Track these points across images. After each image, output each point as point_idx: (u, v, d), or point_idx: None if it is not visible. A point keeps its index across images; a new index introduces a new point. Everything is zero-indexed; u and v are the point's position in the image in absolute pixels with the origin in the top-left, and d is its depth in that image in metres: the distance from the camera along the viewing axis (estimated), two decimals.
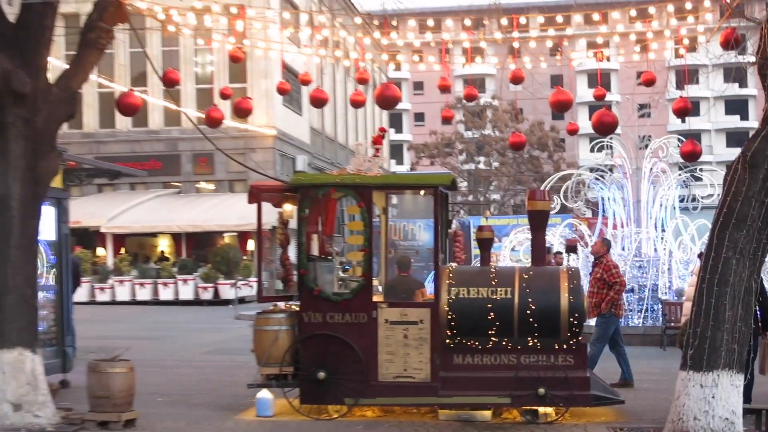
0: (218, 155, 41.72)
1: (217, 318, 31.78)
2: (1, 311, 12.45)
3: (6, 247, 12.51)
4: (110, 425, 12.41)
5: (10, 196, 12.51)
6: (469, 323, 13.01)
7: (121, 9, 13.41)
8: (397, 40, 17.29)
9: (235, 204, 40.38)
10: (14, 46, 12.66)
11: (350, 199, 13.80)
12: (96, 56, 13.71)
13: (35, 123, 12.72)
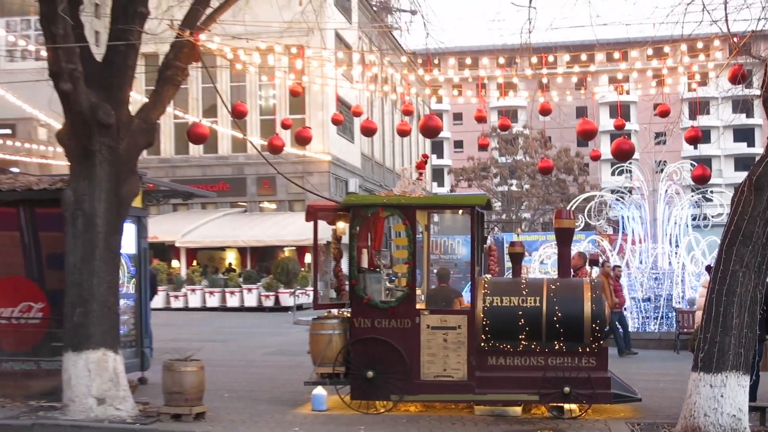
0: (279, 178, 41.85)
1: (277, 323, 31.84)
2: (87, 316, 12.60)
3: (91, 260, 12.66)
4: (182, 418, 12.49)
5: (96, 214, 12.67)
6: (501, 328, 13.07)
7: (195, 49, 13.56)
8: (439, 76, 17.40)
9: (294, 222, 40.52)
10: (101, 82, 12.83)
11: (396, 217, 13.86)
12: (172, 91, 13.88)
13: (118, 150, 12.88)
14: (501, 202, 73.05)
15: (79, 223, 12.67)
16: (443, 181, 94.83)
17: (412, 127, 21.31)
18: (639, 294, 24.73)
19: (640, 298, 24.67)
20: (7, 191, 14.86)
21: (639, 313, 24.72)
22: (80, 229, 12.67)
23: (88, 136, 12.63)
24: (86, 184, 12.67)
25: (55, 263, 13.96)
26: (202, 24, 13.65)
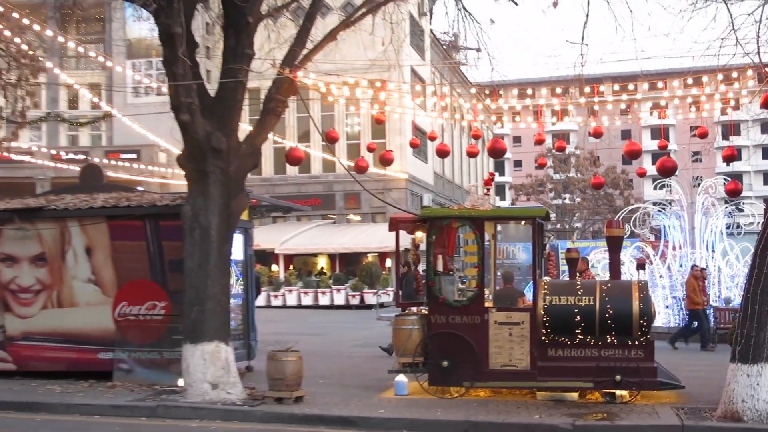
0: (363, 194, 42.16)
1: (362, 319, 31.93)
2: (203, 314, 12.80)
3: (206, 265, 12.86)
4: (284, 401, 12.60)
5: (210, 226, 12.87)
6: (560, 324, 12.95)
7: (293, 84, 13.72)
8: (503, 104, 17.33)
9: (376, 231, 40.72)
10: (214, 114, 13.05)
11: (467, 227, 13.85)
12: (274, 121, 14.06)
13: (229, 172, 13.07)
14: (556, 213, 72.60)
15: (196, 233, 12.88)
16: (505, 196, 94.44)
17: (479, 150, 21.28)
18: (680, 293, 24.34)
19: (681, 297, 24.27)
20: (136, 207, 15.23)
21: (680, 311, 24.34)
22: (197, 239, 12.88)
23: (204, 160, 12.85)
24: (202, 201, 12.89)
25: (176, 268, 14.18)
26: (299, 63, 13.81)
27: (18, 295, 15.50)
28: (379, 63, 17.65)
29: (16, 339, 15.40)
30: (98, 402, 12.98)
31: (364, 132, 43.87)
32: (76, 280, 15.28)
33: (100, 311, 15.04)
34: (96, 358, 14.95)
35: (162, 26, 12.50)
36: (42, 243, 15.46)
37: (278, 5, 14.80)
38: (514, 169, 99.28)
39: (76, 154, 40.02)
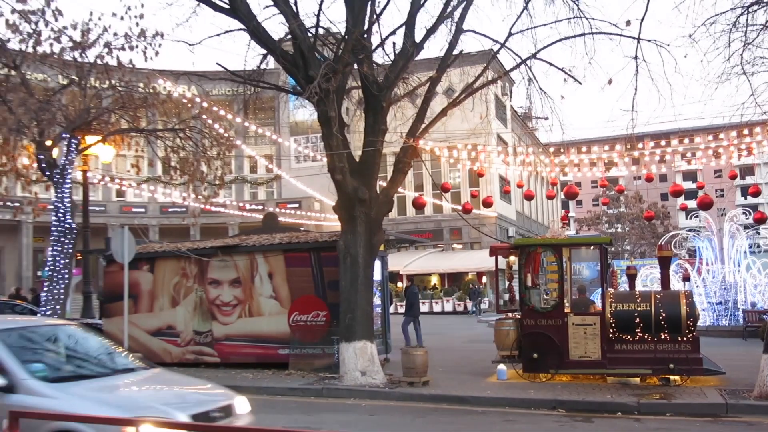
0: (464, 228, 41.99)
1: (467, 322, 31.59)
2: (353, 320, 12.86)
3: (355, 284, 12.94)
4: (414, 384, 12.55)
5: (358, 256, 12.96)
6: (624, 324, 12.63)
7: (416, 150, 13.77)
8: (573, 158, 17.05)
9: (474, 256, 40.48)
10: (359, 173, 13.19)
11: (549, 252, 13.63)
12: (402, 177, 14.12)
13: (371, 215, 13.17)
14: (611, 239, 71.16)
15: (347, 261, 12.99)
16: (570, 227, 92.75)
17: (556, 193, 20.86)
18: (714, 299, 23.52)
19: (715, 302, 23.44)
20: (303, 242, 15.48)
21: (714, 313, 23.41)
22: (348, 265, 12.99)
23: (352, 207, 12.98)
24: (351, 237, 13.00)
25: (333, 286, 14.32)
26: (419, 134, 13.86)
27: (221, 308, 15.90)
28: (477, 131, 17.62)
29: (220, 340, 15.79)
30: (279, 385, 13.16)
31: (464, 183, 43.80)
32: (261, 297, 15.58)
33: (278, 319, 15.28)
34: (276, 353, 15.17)
35: (320, 112, 12.73)
36: (237, 270, 15.85)
37: (402, 94, 14.91)
38: (577, 207, 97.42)
39: (256, 205, 41.13)
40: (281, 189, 47.29)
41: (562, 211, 61.51)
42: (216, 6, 12.84)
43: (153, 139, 19.18)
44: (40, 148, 16.06)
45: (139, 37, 16.94)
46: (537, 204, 59.88)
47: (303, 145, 41.19)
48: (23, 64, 16.48)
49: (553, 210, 64.55)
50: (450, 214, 42.90)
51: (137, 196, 40.52)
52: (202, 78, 15.60)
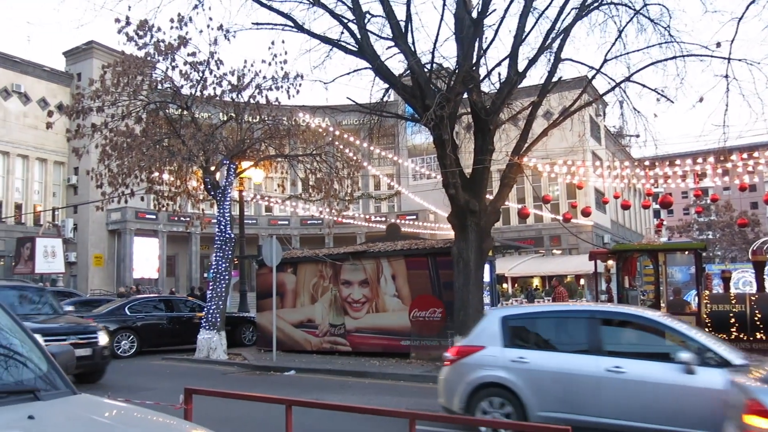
0: (563, 235, 40.57)
1: None
2: (466, 316, 12.63)
3: (468, 285, 12.74)
4: None
5: (470, 260, 12.77)
6: (719, 324, 11.68)
7: (520, 167, 13.44)
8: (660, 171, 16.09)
9: (572, 260, 38.95)
10: (469, 188, 13.02)
11: (644, 257, 12.89)
12: (507, 191, 13.82)
13: (481, 224, 12.95)
14: None
15: (460, 264, 12.83)
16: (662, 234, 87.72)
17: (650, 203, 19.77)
18: None
19: None
20: (422, 248, 15.43)
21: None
22: (461, 268, 12.82)
23: (464, 218, 12.83)
24: (464, 244, 12.84)
25: (448, 287, 14.18)
26: (522, 153, 13.52)
27: (352, 305, 16.10)
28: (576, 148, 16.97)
29: (352, 332, 15.97)
30: (402, 372, 13.11)
31: (562, 195, 42.40)
32: (386, 295, 15.64)
33: (401, 314, 15.28)
34: (399, 344, 15.17)
35: (436, 135, 12.68)
36: (365, 272, 16.01)
37: (507, 118, 14.61)
38: (668, 215, 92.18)
39: (380, 217, 41.56)
40: (401, 203, 47.55)
41: (655, 220, 58.17)
42: (346, 49, 13.09)
43: (294, 163, 19.77)
44: (206, 172, 16.93)
45: (284, 79, 17.56)
46: (630, 213, 57.03)
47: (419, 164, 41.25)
48: (193, 105, 17.47)
49: (645, 219, 61.25)
50: (550, 223, 41.61)
51: (282, 211, 42.01)
52: (334, 111, 15.95)
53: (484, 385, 7.17)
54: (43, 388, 2.97)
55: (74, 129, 17.12)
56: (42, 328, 10.82)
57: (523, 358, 7.08)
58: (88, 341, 11.43)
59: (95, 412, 3.03)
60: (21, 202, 39.13)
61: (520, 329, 7.53)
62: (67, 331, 11.24)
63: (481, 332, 7.72)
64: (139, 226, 39.93)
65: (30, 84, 39.18)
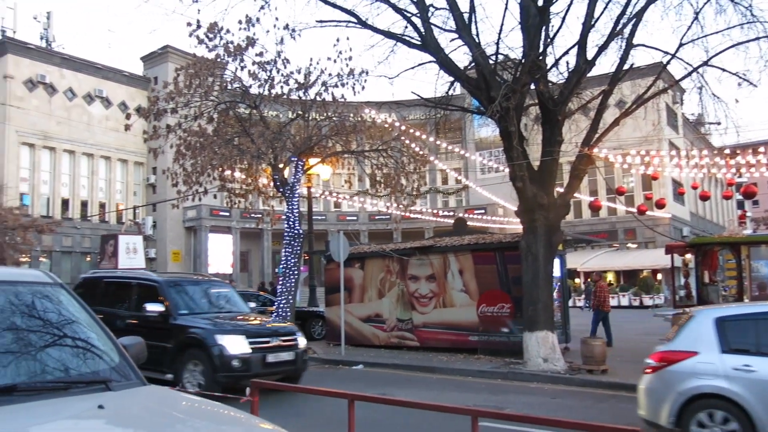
0: (638, 228, 39.21)
1: (642, 316, 29.30)
2: (535, 312, 12.42)
3: (537, 280, 12.49)
4: (593, 372, 11.84)
5: (538, 254, 12.51)
6: None
7: (590, 158, 13.04)
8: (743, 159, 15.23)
9: (649, 255, 37.75)
10: (538, 181, 12.75)
11: (726, 250, 12.25)
12: (578, 183, 13.45)
13: (549, 218, 12.66)
14: None
15: (529, 259, 12.59)
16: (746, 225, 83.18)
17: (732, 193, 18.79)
18: None
19: None
20: (489, 243, 15.25)
21: None
22: (530, 262, 12.58)
23: (532, 211, 12.57)
24: (532, 238, 12.58)
25: (516, 282, 13.97)
26: (593, 143, 13.12)
27: (419, 300, 16.09)
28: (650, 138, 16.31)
29: (419, 327, 15.97)
30: (469, 368, 13.02)
31: (637, 187, 40.94)
32: (453, 290, 15.55)
33: (468, 310, 15.16)
34: (467, 339, 15.06)
35: (502, 128, 12.47)
36: (432, 267, 15.97)
37: (576, 108, 14.19)
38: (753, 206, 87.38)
39: (447, 212, 41.34)
40: (469, 197, 47.15)
41: (738, 211, 55.25)
42: (410, 43, 13.05)
43: (361, 159, 19.90)
44: (275, 170, 17.27)
45: (349, 75, 17.67)
46: (711, 205, 54.43)
47: (487, 158, 40.68)
48: (261, 104, 17.84)
49: (727, 210, 58.30)
50: (624, 215, 40.28)
51: (350, 207, 42.39)
52: (399, 106, 15.93)
53: (700, 396, 6.45)
54: (114, 378, 3.09)
55: (150, 130, 17.83)
56: (246, 329, 9.92)
57: (749, 366, 6.23)
58: (290, 344, 10.21)
59: (164, 403, 3.12)
60: (104, 201, 41.13)
61: (740, 332, 6.70)
62: (271, 333, 10.12)
63: (690, 335, 6.93)
64: (214, 223, 41.24)
65: (111, 89, 41.09)
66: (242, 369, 9.23)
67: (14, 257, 27.89)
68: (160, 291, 10.42)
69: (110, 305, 10.92)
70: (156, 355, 8.72)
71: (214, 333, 9.53)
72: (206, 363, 9.33)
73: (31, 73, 37.54)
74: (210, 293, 11.38)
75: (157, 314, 9.88)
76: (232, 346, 9.38)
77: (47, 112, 37.84)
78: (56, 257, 38.23)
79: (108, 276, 12.36)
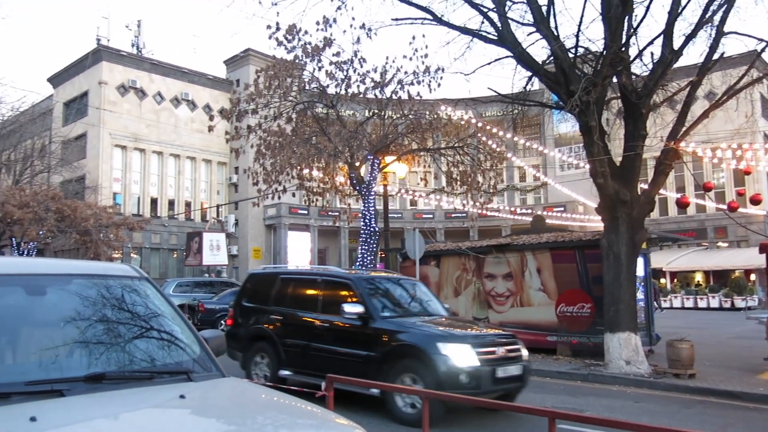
0: (730, 226, 37.24)
1: (734, 319, 27.82)
2: (617, 312, 11.99)
3: (619, 279, 12.06)
4: (680, 376, 11.30)
5: (620, 253, 12.08)
6: None
7: (677, 152, 12.46)
8: None
9: (741, 254, 35.80)
10: (620, 177, 12.30)
11: None
12: (663, 179, 12.87)
13: (632, 215, 12.20)
14: None
15: (610, 258, 12.17)
16: None
17: None
18: None
19: None
20: (569, 241, 14.86)
21: None
22: (611, 261, 12.16)
23: (614, 209, 12.15)
24: (614, 236, 12.16)
25: (597, 281, 13.54)
26: (679, 137, 12.52)
27: (496, 299, 15.88)
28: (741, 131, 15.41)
29: (495, 326, 15.75)
30: (548, 369, 12.71)
31: (728, 182, 38.83)
32: (531, 289, 15.26)
33: (546, 309, 14.83)
34: (545, 339, 14.73)
35: (582, 122, 12.10)
36: (509, 266, 15.72)
37: (661, 101, 13.58)
38: None
39: (525, 209, 40.60)
40: (547, 194, 46.10)
41: None
42: (486, 38, 12.87)
43: (437, 157, 19.84)
44: (352, 168, 17.49)
45: (424, 73, 17.67)
46: None
47: (566, 154, 39.72)
48: (338, 104, 18.10)
49: None
50: (714, 213, 38.33)
51: (426, 205, 42.33)
52: (476, 102, 15.76)
53: None
54: (195, 370, 3.21)
55: (233, 131, 18.42)
56: (470, 336, 8.12)
57: None
58: (516, 354, 8.38)
59: (242, 395, 3.21)
60: (190, 200, 42.87)
61: None
62: (494, 341, 8.25)
63: None
64: (293, 220, 42.19)
65: (196, 92, 42.78)
66: (471, 386, 7.48)
67: (108, 253, 29.51)
68: (355, 289, 8.93)
69: (291, 306, 9.74)
70: (354, 366, 8.08)
71: (436, 340, 7.78)
72: (427, 377, 7.55)
73: (123, 79, 39.61)
74: (405, 291, 9.92)
75: (357, 317, 8.43)
76: (459, 356, 7.61)
77: (138, 115, 39.83)
78: (145, 253, 40.16)
79: (286, 272, 10.83)
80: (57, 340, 3.01)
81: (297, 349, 9.20)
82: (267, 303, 10.07)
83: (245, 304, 10.54)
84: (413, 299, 9.70)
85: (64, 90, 42.17)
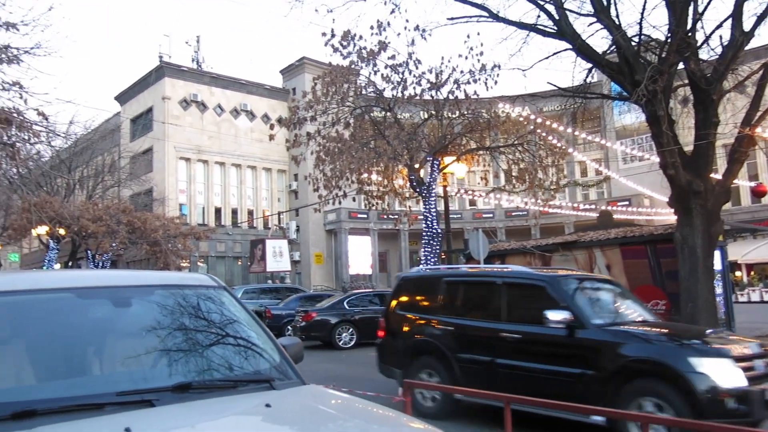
0: None
1: None
2: (695, 308, 11.46)
3: (695, 274, 11.54)
4: None
5: (696, 247, 11.57)
6: None
7: (752, 138, 11.85)
8: None
9: None
10: (691, 167, 11.79)
11: None
12: (738, 167, 12.24)
13: (707, 207, 11.67)
14: None
15: (685, 252, 11.67)
16: None
17: None
18: None
19: None
20: (639, 236, 14.39)
21: None
22: (686, 255, 11.66)
23: (687, 200, 11.65)
24: (688, 229, 11.66)
25: (670, 277, 13.06)
26: (754, 122, 11.90)
27: None
28: None
29: None
30: None
31: None
32: None
33: None
34: None
35: (649, 112, 11.67)
36: (577, 263, 15.33)
37: (732, 86, 12.97)
38: None
39: (589, 205, 39.64)
40: (611, 189, 44.85)
41: None
42: (544, 32, 12.60)
43: (496, 155, 19.59)
44: (411, 170, 17.45)
45: (481, 71, 17.48)
46: None
47: (630, 146, 38.50)
48: (395, 106, 18.11)
49: None
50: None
51: (486, 204, 41.89)
52: (534, 98, 15.45)
53: None
54: (277, 377, 3.23)
55: (292, 139, 18.68)
56: (724, 349, 6.22)
57: None
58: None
59: (322, 402, 3.20)
60: (252, 208, 43.80)
61: None
62: (751, 354, 6.31)
63: None
64: (353, 225, 42.49)
65: (254, 102, 43.72)
66: (741, 413, 5.78)
67: (176, 262, 30.44)
68: (554, 292, 7.41)
69: (462, 313, 8.43)
70: (561, 387, 6.74)
71: (687, 354, 6.16)
72: (677, 402, 5.98)
73: (185, 93, 40.86)
74: (607, 293, 8.44)
75: (564, 325, 6.92)
76: (720, 375, 5.95)
77: (200, 127, 40.99)
78: (211, 261, 41.25)
79: (452, 274, 9.15)
80: (143, 351, 3.07)
81: (478, 366, 7.79)
82: (430, 311, 8.84)
83: (400, 313, 9.29)
84: (619, 302, 8.33)
85: (130, 107, 43.83)
